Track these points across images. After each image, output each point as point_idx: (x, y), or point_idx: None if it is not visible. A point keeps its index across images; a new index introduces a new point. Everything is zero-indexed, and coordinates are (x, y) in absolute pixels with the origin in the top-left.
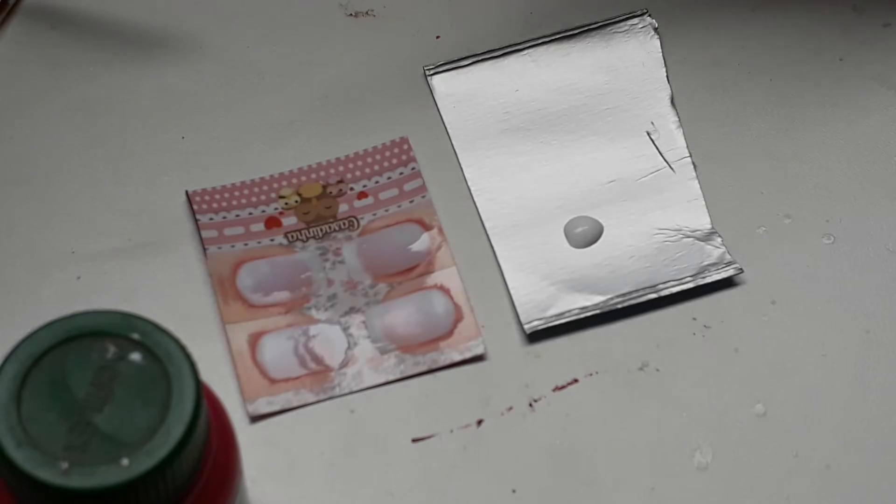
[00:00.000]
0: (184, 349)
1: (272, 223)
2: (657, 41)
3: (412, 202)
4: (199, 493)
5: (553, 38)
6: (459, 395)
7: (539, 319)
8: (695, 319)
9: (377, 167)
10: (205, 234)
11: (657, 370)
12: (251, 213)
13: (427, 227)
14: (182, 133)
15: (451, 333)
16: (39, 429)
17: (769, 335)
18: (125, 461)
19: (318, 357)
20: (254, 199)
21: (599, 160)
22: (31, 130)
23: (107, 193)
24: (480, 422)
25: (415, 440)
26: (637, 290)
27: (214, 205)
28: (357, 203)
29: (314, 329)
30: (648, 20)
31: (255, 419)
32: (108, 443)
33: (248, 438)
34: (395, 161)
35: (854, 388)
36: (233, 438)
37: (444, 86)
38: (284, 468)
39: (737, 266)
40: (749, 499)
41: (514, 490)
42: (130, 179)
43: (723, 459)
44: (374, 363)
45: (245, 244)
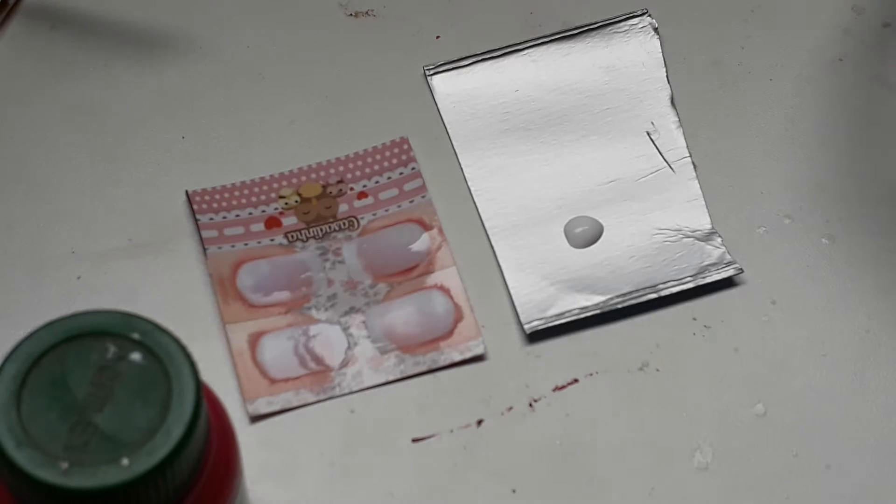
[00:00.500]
0: (184, 349)
1: (272, 223)
2: (657, 41)
3: (412, 202)
4: (199, 493)
5: (553, 38)
6: (459, 395)
7: (539, 319)
8: (695, 319)
9: (377, 167)
10: (205, 234)
11: (657, 370)
12: (251, 213)
13: (427, 227)
14: (182, 133)
15: (451, 333)
16: (39, 429)
17: (769, 335)
18: (125, 461)
19: (318, 357)
20: (254, 199)
21: (599, 160)
22: (31, 130)
23: (107, 193)
24: (480, 422)
25: (415, 440)
26: (637, 290)
27: (214, 205)
28: (357, 203)
29: (314, 329)
30: (648, 20)
31: (255, 419)
32: (109, 443)
33: (248, 438)
34: (395, 161)
35: (854, 388)
36: (233, 438)
37: (444, 86)
38: (284, 468)
39: (737, 266)
40: (749, 499)
41: (514, 490)
42: (130, 179)
43: (723, 459)
44: (375, 363)
45: (245, 244)
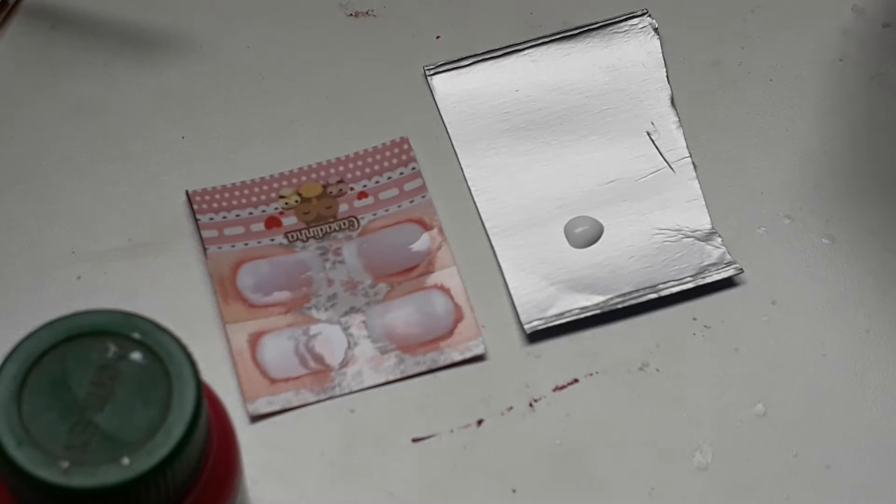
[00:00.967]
0: (184, 349)
1: (272, 223)
2: (657, 41)
3: (412, 202)
4: (199, 493)
5: (553, 38)
6: (459, 395)
7: (539, 319)
8: (695, 319)
9: (377, 167)
10: (205, 234)
11: (657, 370)
12: (251, 213)
13: (427, 227)
14: (182, 133)
15: (452, 333)
16: (40, 428)
17: (769, 335)
18: (126, 460)
19: (319, 357)
20: (254, 199)
21: (599, 160)
22: (31, 130)
23: (107, 193)
24: (480, 422)
25: (415, 440)
26: (637, 290)
27: (214, 205)
28: (357, 203)
29: (314, 329)
30: (648, 20)
31: (255, 419)
32: (109, 442)
33: (248, 438)
34: (395, 161)
35: (854, 388)
36: (233, 438)
37: (444, 86)
38: (284, 468)
39: (737, 266)
40: (749, 499)
41: (514, 490)
42: (130, 179)
43: (723, 459)
44: (375, 363)
45: (245, 244)
